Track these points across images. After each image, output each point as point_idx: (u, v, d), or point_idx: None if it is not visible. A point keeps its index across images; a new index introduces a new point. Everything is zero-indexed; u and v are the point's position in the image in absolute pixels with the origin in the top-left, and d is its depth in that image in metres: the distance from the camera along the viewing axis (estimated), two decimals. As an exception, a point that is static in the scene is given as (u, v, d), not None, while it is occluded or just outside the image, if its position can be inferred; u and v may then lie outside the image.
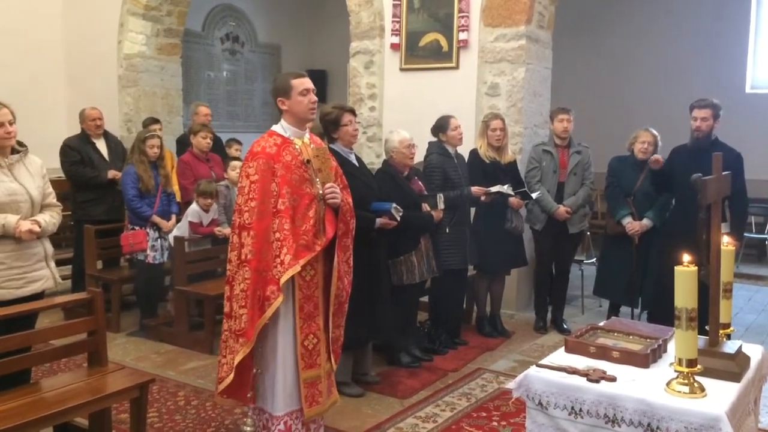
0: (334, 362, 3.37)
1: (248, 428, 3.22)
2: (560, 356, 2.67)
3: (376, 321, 4.16)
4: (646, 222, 5.27)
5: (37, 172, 3.56)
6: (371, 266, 4.08)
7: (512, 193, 5.11)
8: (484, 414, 3.97)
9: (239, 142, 7.29)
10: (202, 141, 5.99)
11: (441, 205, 4.70)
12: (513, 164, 5.42)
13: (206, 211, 5.49)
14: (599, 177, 5.95)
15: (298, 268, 3.06)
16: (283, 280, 3.04)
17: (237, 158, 6.26)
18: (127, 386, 3.24)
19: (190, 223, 5.45)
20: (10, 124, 3.38)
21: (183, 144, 6.78)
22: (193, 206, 5.50)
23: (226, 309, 3.18)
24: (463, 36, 6.14)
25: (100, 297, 3.48)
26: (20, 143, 3.53)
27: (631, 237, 5.30)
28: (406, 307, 4.70)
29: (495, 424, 3.84)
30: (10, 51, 8.21)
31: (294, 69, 5.03)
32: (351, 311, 3.47)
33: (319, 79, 10.56)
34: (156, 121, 6.94)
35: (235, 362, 3.08)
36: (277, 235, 3.07)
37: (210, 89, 10.51)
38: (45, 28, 8.64)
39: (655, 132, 5.39)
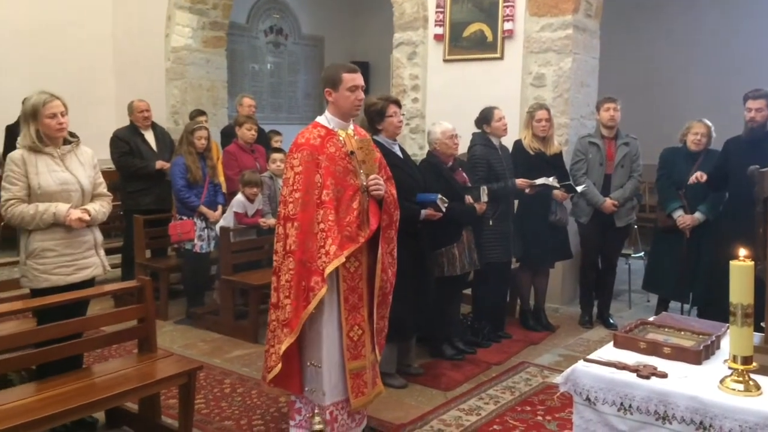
0: (378, 353, 3.38)
1: (318, 426, 3.19)
2: (609, 351, 2.62)
3: (419, 313, 4.15)
4: (698, 216, 5.13)
5: (88, 163, 3.65)
6: (415, 258, 4.07)
7: (557, 185, 5.04)
8: (529, 408, 3.94)
9: (279, 134, 7.37)
10: (246, 132, 6.06)
11: (484, 198, 4.67)
12: (558, 156, 5.33)
13: (251, 201, 5.56)
14: (648, 169, 5.82)
15: (342, 259, 3.07)
16: (327, 270, 3.04)
17: (278, 149, 6.32)
18: (176, 372, 3.31)
19: (236, 213, 5.52)
20: (62, 115, 3.47)
21: (228, 136, 6.87)
22: (238, 197, 5.57)
23: (273, 299, 3.20)
24: (508, 26, 6.06)
25: (150, 285, 3.56)
26: (72, 134, 3.62)
27: (683, 231, 5.17)
28: (448, 299, 4.68)
29: (540, 418, 3.80)
30: (61, 45, 8.44)
31: (336, 61, 4.99)
32: (395, 303, 3.47)
33: (362, 71, 10.51)
34: (202, 113, 7.06)
35: (281, 351, 3.11)
36: (322, 226, 3.07)
37: (254, 81, 10.63)
38: (95, 23, 8.86)
39: (709, 123, 5.24)
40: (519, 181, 4.93)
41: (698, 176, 4.95)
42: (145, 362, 3.43)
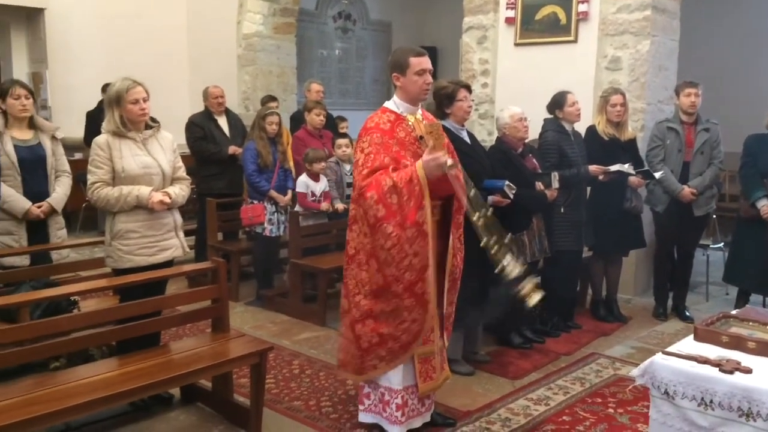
0: (446, 339, 3.37)
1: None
2: (688, 344, 2.53)
3: (487, 300, 4.11)
4: (783, 205, 4.87)
5: (168, 147, 3.75)
6: (483, 244, 4.02)
7: (633, 172, 4.87)
8: (599, 400, 3.85)
9: (345, 119, 7.41)
10: (315, 118, 6.12)
11: (556, 184, 4.56)
12: (633, 142, 5.16)
13: (316, 180, 5.60)
14: (729, 156, 5.56)
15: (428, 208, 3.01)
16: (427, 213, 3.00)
17: (344, 135, 6.35)
18: (249, 352, 3.38)
19: (298, 194, 5.57)
20: (144, 101, 3.57)
21: (297, 121, 6.95)
22: (301, 177, 5.62)
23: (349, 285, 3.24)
24: (582, 8, 5.89)
25: (224, 267, 3.65)
26: (153, 119, 3.73)
27: (767, 221, 4.92)
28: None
29: (611, 411, 3.71)
30: (137, 33, 8.73)
31: (404, 46, 4.93)
32: (462, 289, 3.45)
33: (430, 56, 10.45)
34: (273, 98, 7.15)
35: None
36: (400, 188, 3.03)
37: (322, 67, 10.71)
38: (170, 12, 9.12)
39: (798, 109, 4.95)
40: (592, 168, 4.80)
41: None
42: (219, 341, 3.52)
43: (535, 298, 3.26)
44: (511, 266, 3.21)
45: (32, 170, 4.15)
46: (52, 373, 3.49)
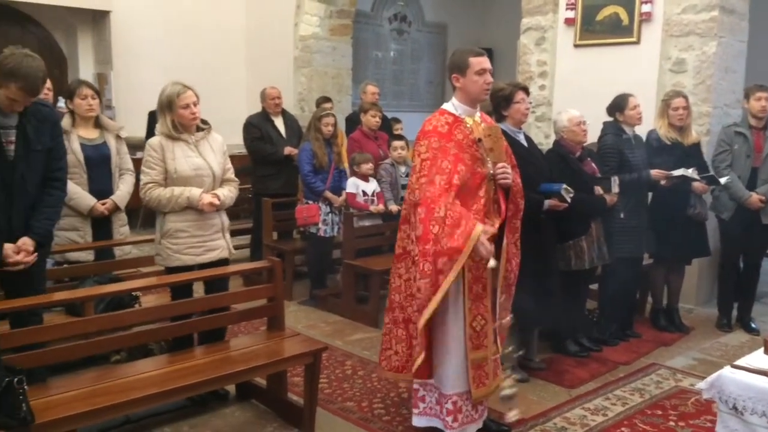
0: (500, 345, 3.32)
1: (507, 390, 3.24)
2: (758, 358, 2.43)
3: (542, 306, 4.03)
4: None
5: (219, 149, 3.82)
6: (539, 249, 3.94)
7: (697, 177, 4.71)
8: (660, 412, 3.73)
9: (400, 121, 7.42)
10: (371, 119, 6.14)
11: (615, 189, 4.46)
12: (696, 146, 5.00)
13: (365, 180, 5.61)
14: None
15: (478, 232, 2.95)
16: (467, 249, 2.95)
17: (399, 137, 6.35)
18: (303, 352, 3.40)
19: (348, 194, 5.60)
20: (195, 105, 3.65)
21: (352, 122, 6.99)
22: (351, 178, 5.66)
23: (395, 284, 3.26)
24: (646, 8, 5.73)
25: (279, 266, 3.69)
26: (204, 121, 3.81)
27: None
28: (574, 293, 4.52)
29: (672, 424, 3.59)
30: (197, 35, 8.93)
31: (463, 47, 4.87)
32: (517, 294, 3.40)
33: (486, 57, 10.41)
34: (328, 99, 7.22)
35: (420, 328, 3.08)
36: (452, 209, 3.03)
37: (377, 69, 10.74)
38: (228, 14, 9.29)
39: None
40: (655, 172, 4.66)
41: None
42: (274, 340, 3.56)
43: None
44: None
45: (97, 168, 4.28)
46: (113, 366, 3.61)
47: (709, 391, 2.36)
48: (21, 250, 3.12)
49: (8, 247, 3.10)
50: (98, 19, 8.55)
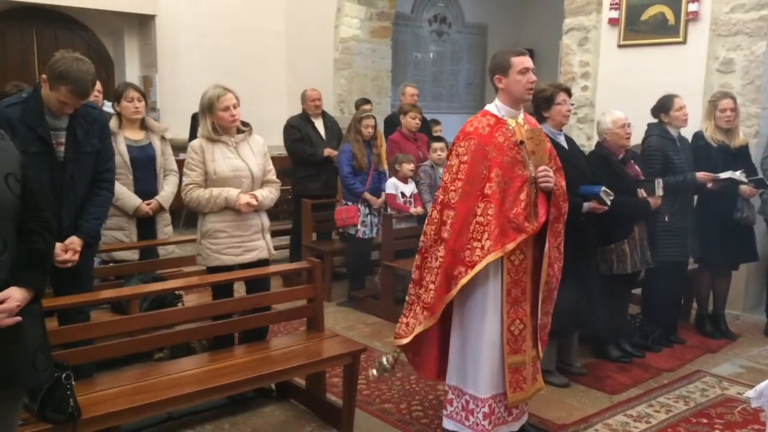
0: (540, 349, 3.28)
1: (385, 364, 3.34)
2: (810, 367, 2.35)
3: (583, 310, 3.98)
4: None
5: (259, 151, 3.86)
6: (579, 253, 3.88)
7: (745, 180, 4.59)
8: (705, 420, 3.64)
9: (439, 123, 7.42)
10: (411, 121, 6.13)
11: (660, 192, 4.36)
12: (744, 148, 4.88)
13: (405, 182, 5.61)
14: None
15: (500, 253, 3.00)
16: (480, 265, 2.99)
17: (439, 138, 6.33)
18: (342, 353, 3.43)
19: (387, 195, 5.60)
20: (235, 107, 3.70)
21: (391, 124, 6.99)
22: (391, 179, 5.66)
23: (415, 276, 3.25)
24: (693, 7, 5.61)
25: (319, 267, 3.71)
26: (245, 123, 3.86)
27: None
28: (616, 298, 4.45)
29: (717, 432, 3.51)
30: (239, 38, 9.06)
31: (501, 48, 4.82)
32: (558, 298, 3.35)
33: (526, 58, 10.33)
34: (367, 101, 7.24)
35: (415, 332, 3.17)
36: (480, 219, 3.03)
37: (417, 70, 10.73)
38: (269, 17, 9.40)
39: None
40: (701, 175, 4.56)
41: None
42: (314, 340, 3.59)
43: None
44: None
45: (143, 169, 4.38)
46: (156, 364, 3.68)
47: (758, 400, 2.29)
48: (69, 249, 3.20)
49: (57, 246, 3.18)
50: (144, 23, 8.74)
